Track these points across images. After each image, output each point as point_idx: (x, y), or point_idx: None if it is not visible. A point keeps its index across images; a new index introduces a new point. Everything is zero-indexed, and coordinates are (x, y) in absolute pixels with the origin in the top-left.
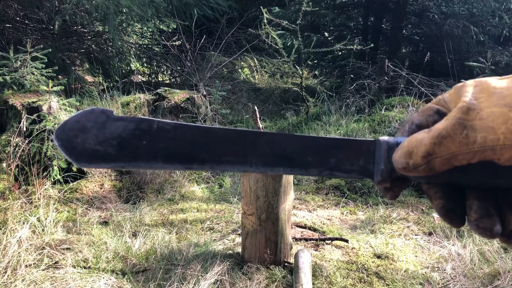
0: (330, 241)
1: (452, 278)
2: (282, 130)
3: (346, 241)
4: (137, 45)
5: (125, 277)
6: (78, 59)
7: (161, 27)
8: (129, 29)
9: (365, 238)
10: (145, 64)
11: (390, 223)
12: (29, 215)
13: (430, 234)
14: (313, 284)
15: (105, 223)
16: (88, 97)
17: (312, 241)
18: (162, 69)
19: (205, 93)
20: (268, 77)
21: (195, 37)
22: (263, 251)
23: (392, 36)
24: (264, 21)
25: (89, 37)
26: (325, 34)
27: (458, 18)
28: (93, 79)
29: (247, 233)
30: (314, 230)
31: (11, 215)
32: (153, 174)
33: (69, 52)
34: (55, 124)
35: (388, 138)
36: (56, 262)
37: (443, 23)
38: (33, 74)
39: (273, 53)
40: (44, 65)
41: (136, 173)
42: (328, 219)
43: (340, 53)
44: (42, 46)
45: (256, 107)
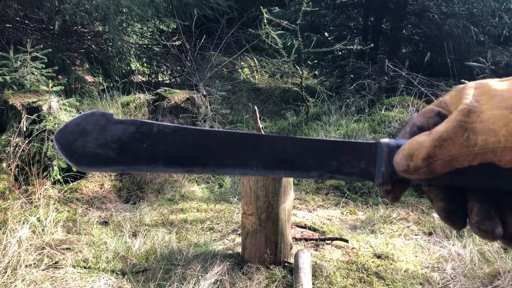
0: (330, 241)
1: (452, 278)
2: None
3: (346, 241)
4: (137, 45)
5: (125, 277)
6: (78, 59)
7: (161, 27)
8: (129, 29)
9: (365, 238)
10: (145, 64)
11: (390, 223)
12: (29, 215)
13: (430, 234)
14: (313, 284)
15: (105, 223)
16: (88, 97)
17: (312, 241)
18: (162, 69)
19: (205, 93)
20: (268, 77)
21: (195, 37)
22: (263, 251)
23: (392, 36)
24: (264, 21)
25: (89, 37)
26: (325, 34)
27: (458, 18)
28: (93, 79)
29: (247, 233)
30: (314, 230)
31: (11, 215)
32: (153, 174)
33: (69, 52)
34: (55, 124)
35: (389, 140)
36: (56, 262)
37: (443, 23)
38: (33, 74)
39: (273, 53)
40: (44, 65)
41: (136, 173)
42: (328, 219)
43: (340, 53)
44: (42, 46)
45: (256, 107)
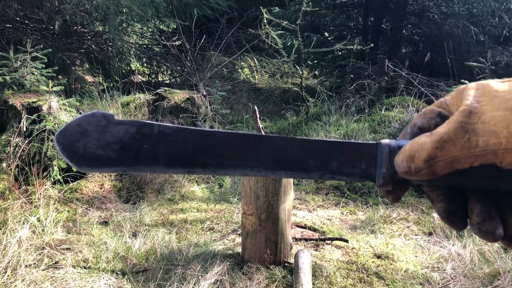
0: (330, 241)
1: (452, 278)
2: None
3: (346, 241)
4: (137, 45)
5: (125, 277)
6: (78, 59)
7: (161, 27)
8: (129, 29)
9: (365, 238)
10: (145, 64)
11: (390, 223)
12: (29, 215)
13: (430, 234)
14: (313, 284)
15: (105, 223)
16: (88, 97)
17: (312, 241)
18: (162, 69)
19: (205, 93)
20: (268, 77)
21: (195, 37)
22: (263, 251)
23: (392, 36)
24: (264, 21)
25: (89, 37)
26: (325, 34)
27: (458, 18)
28: (93, 79)
29: (247, 233)
30: (314, 230)
31: (11, 215)
32: (154, 174)
33: (69, 52)
34: (55, 124)
35: (389, 141)
36: (56, 262)
37: (443, 23)
38: (33, 74)
39: (273, 53)
40: (44, 65)
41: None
42: (328, 219)
43: (340, 53)
44: (42, 46)
45: (256, 107)
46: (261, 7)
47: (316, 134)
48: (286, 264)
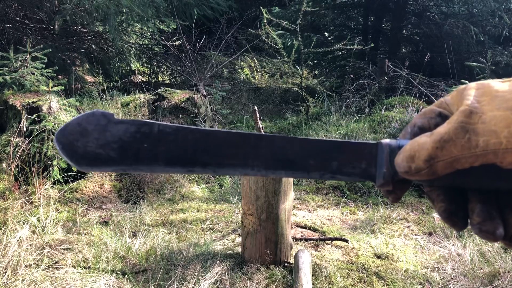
0: (330, 241)
1: (452, 278)
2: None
3: (346, 241)
4: (137, 45)
5: (125, 277)
6: (78, 59)
7: (161, 27)
8: (129, 29)
9: (365, 238)
10: (145, 64)
11: (390, 223)
12: (29, 215)
13: (430, 234)
14: (313, 284)
15: (105, 223)
16: (88, 97)
17: (312, 241)
18: (162, 69)
19: (205, 93)
20: (268, 77)
21: (195, 37)
22: (263, 251)
23: (392, 36)
24: (264, 21)
25: (89, 37)
26: (325, 34)
27: (458, 18)
28: (93, 79)
29: (247, 233)
30: (314, 230)
31: (11, 215)
32: (154, 174)
33: (69, 52)
34: (55, 124)
35: (390, 141)
36: (56, 262)
37: (443, 23)
38: (33, 74)
39: (273, 53)
40: (44, 65)
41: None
42: (328, 219)
43: (340, 53)
44: (42, 46)
45: (256, 107)
46: (261, 7)
47: (316, 134)
48: (286, 264)
